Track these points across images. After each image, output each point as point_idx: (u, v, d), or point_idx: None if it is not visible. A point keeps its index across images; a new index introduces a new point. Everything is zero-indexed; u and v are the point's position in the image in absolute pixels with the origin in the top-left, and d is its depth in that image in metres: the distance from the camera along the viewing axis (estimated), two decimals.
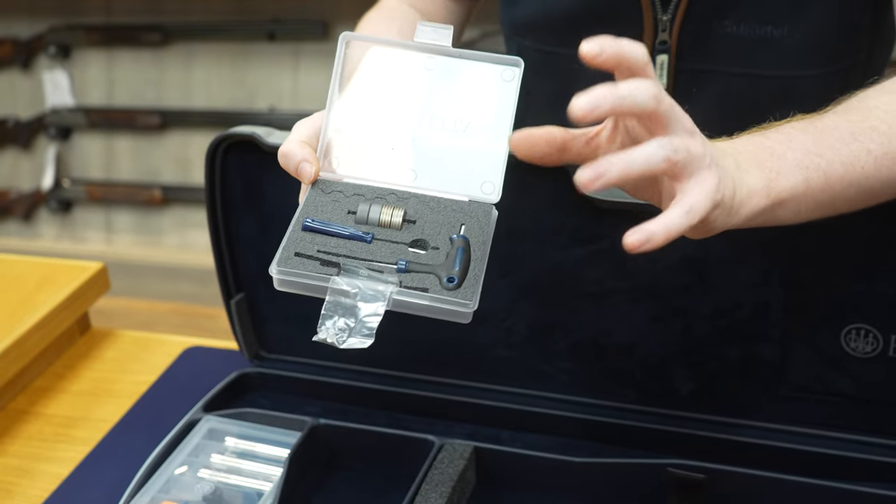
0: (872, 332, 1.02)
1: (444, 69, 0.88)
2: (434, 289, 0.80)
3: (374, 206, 0.85)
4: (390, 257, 0.82)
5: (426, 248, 0.84)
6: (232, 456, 1.08)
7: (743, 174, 0.78)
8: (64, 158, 3.42)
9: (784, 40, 1.08)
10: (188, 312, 3.20)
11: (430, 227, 0.85)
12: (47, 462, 1.14)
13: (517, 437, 1.11)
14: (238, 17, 3.15)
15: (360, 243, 0.83)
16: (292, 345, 1.21)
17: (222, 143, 1.10)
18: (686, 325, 1.06)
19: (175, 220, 3.37)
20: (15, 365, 1.22)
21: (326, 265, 0.82)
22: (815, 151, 0.82)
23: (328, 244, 0.83)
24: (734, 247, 1.02)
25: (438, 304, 0.80)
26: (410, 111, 0.88)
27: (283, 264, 0.82)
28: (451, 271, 0.81)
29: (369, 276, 0.80)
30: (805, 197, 0.82)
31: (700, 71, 0.98)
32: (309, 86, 3.14)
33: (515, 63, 0.86)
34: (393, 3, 1.27)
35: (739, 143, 0.82)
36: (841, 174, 0.83)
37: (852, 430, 1.06)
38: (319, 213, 0.85)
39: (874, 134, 0.85)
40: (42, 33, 3.29)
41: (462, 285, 0.80)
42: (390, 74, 0.89)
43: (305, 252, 0.83)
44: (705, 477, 1.01)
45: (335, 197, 0.86)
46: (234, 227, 1.15)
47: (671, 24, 1.10)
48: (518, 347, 1.12)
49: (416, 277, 0.81)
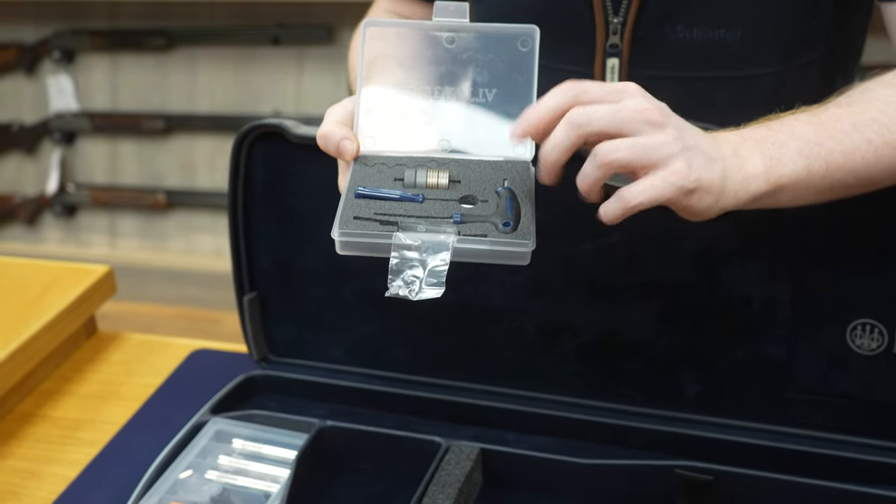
0: (878, 328, 1.02)
1: (464, 44, 0.92)
2: (492, 234, 0.85)
3: (419, 170, 0.89)
4: (442, 213, 0.87)
5: (475, 202, 0.88)
6: (239, 458, 1.08)
7: (742, 161, 0.85)
8: (68, 163, 3.42)
9: (738, 42, 1.08)
10: (192, 316, 3.20)
11: (475, 185, 0.89)
12: (55, 464, 1.14)
13: (524, 439, 1.11)
14: (242, 22, 3.15)
15: (412, 204, 0.87)
16: (301, 347, 1.21)
17: (249, 134, 1.10)
18: (694, 324, 1.07)
19: (179, 225, 3.37)
20: (22, 368, 1.22)
21: (385, 224, 0.85)
22: (817, 141, 0.88)
23: (382, 207, 0.87)
24: (741, 242, 1.03)
25: (498, 248, 0.84)
26: (437, 86, 0.92)
27: (345, 227, 0.85)
28: (505, 216, 0.86)
29: (427, 230, 0.84)
30: (805, 183, 0.88)
31: (654, 77, 0.99)
32: (313, 90, 3.14)
33: (531, 32, 0.91)
34: (382, 14, 1.30)
35: (745, 132, 0.88)
36: (841, 163, 0.88)
37: (859, 433, 1.06)
38: (367, 182, 0.89)
39: (875, 125, 0.89)
40: (47, 38, 3.29)
41: (517, 227, 0.85)
42: (414, 54, 0.93)
43: (363, 215, 0.86)
44: (713, 478, 1.00)
45: (378, 169, 0.90)
46: (253, 223, 1.15)
47: (622, 28, 1.10)
48: (526, 349, 1.12)
49: (473, 227, 0.85)
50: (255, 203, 1.15)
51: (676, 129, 0.83)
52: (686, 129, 0.84)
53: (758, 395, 1.08)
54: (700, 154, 0.83)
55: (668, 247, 1.05)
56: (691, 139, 0.83)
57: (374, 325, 1.17)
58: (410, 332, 1.16)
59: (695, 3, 1.08)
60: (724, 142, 0.86)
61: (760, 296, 1.04)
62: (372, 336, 1.17)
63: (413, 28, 0.93)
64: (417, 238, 0.83)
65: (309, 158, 1.10)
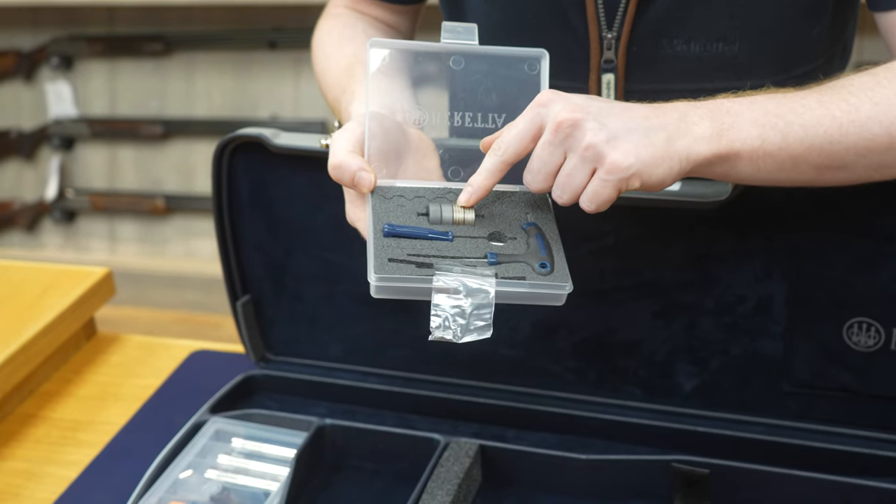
0: (875, 326, 1.02)
1: (469, 67, 0.91)
2: (530, 276, 0.84)
3: (444, 206, 0.88)
4: (474, 252, 0.85)
5: (504, 239, 0.87)
6: (239, 456, 1.09)
7: (688, 124, 0.85)
8: (67, 169, 3.43)
9: (736, 55, 1.08)
10: (192, 321, 3.20)
11: (499, 220, 0.88)
12: (55, 465, 1.14)
13: (522, 436, 1.12)
14: (239, 27, 3.16)
15: (443, 243, 0.86)
16: (298, 347, 1.21)
17: (229, 144, 1.11)
18: (690, 322, 1.07)
19: (179, 229, 3.38)
20: (22, 370, 1.23)
21: (421, 266, 0.83)
22: (775, 112, 0.88)
23: (413, 247, 0.85)
24: (736, 241, 1.03)
25: (538, 290, 0.84)
26: (444, 110, 0.91)
27: (381, 271, 0.82)
28: (539, 257, 0.85)
29: (464, 272, 0.83)
30: (762, 153, 0.87)
31: (652, 91, 0.98)
32: (310, 94, 3.15)
33: (539, 55, 0.90)
34: (341, 11, 1.28)
35: (700, 102, 0.88)
36: (801, 136, 0.87)
37: (855, 426, 1.07)
38: (391, 218, 0.87)
39: (843, 104, 0.88)
40: (45, 44, 3.30)
41: (554, 269, 0.84)
42: (420, 76, 0.91)
43: (397, 257, 0.84)
44: (710, 472, 1.01)
45: (399, 202, 0.88)
46: (240, 228, 1.16)
47: (616, 44, 1.09)
48: (522, 346, 1.13)
49: (509, 268, 0.84)
50: (241, 210, 1.15)
51: (596, 120, 0.83)
52: (608, 113, 0.84)
53: (754, 390, 1.08)
54: (630, 133, 0.83)
55: (662, 248, 1.05)
56: (616, 122, 0.84)
57: (368, 324, 1.17)
58: (406, 331, 1.16)
59: (691, 18, 1.07)
60: (671, 109, 0.86)
61: (755, 294, 1.05)
62: (368, 335, 1.18)
63: (419, 49, 0.91)
64: (457, 281, 0.82)
65: (291, 166, 1.10)
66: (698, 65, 1.08)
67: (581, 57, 1.10)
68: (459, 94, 0.91)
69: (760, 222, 1.01)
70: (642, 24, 1.07)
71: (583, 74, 1.11)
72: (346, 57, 1.14)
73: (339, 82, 1.11)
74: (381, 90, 0.91)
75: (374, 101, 0.90)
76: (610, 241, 1.05)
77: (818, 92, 0.90)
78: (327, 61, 1.19)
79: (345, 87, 1.07)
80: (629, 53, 1.08)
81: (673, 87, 1.08)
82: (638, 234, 1.05)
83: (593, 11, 1.07)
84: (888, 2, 1.03)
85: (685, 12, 1.06)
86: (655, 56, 1.08)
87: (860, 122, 0.88)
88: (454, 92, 0.91)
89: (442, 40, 0.90)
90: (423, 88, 0.91)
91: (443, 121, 0.91)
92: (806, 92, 0.90)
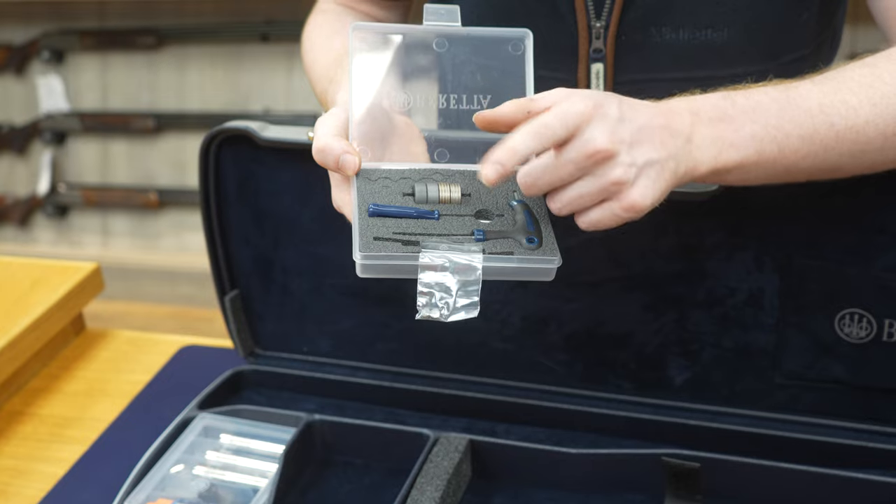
0: (866, 317, 1.02)
1: (453, 49, 0.90)
2: (518, 251, 0.84)
3: (430, 185, 0.87)
4: (462, 230, 0.85)
5: (491, 217, 0.87)
6: (227, 453, 1.08)
7: (693, 148, 0.84)
8: (59, 163, 3.42)
9: (725, 42, 1.07)
10: (185, 315, 3.20)
11: (486, 198, 0.88)
12: (43, 462, 1.14)
13: (512, 430, 1.11)
14: (231, 20, 3.15)
15: (429, 221, 0.85)
16: (286, 342, 1.21)
17: (216, 137, 1.10)
18: (680, 314, 1.06)
19: (171, 223, 3.37)
20: (10, 366, 1.22)
21: (408, 244, 0.83)
22: (776, 125, 0.87)
23: (399, 226, 0.85)
24: (727, 233, 1.02)
25: (526, 265, 0.84)
26: (430, 93, 0.90)
27: (366, 249, 0.82)
28: (528, 233, 0.85)
29: (451, 249, 0.83)
30: (755, 166, 0.87)
31: (642, 80, 0.98)
32: (303, 87, 3.14)
33: (523, 35, 0.90)
34: (331, 7, 1.27)
35: (703, 107, 0.86)
36: (797, 147, 0.87)
37: (846, 418, 1.06)
38: (376, 199, 0.86)
39: (843, 107, 0.88)
40: (36, 38, 3.29)
41: (542, 244, 0.84)
42: (404, 60, 0.91)
43: (383, 236, 0.84)
44: (700, 465, 1.00)
45: (384, 183, 0.87)
46: (227, 223, 1.15)
47: (605, 32, 1.08)
48: (513, 340, 1.12)
49: (497, 244, 0.84)
50: (229, 204, 1.14)
51: (629, 154, 0.81)
52: (638, 140, 0.81)
53: (746, 383, 1.08)
54: (651, 167, 0.81)
55: (651, 240, 1.04)
56: (642, 153, 0.81)
57: (357, 317, 1.17)
58: (394, 325, 1.15)
59: (679, 5, 1.06)
60: (679, 125, 0.84)
61: (747, 286, 1.04)
62: (356, 328, 1.17)
63: (402, 32, 0.91)
64: (444, 258, 0.82)
65: (279, 159, 1.10)
66: (687, 52, 1.07)
67: (570, 47, 1.09)
68: (445, 76, 0.90)
69: (751, 214, 1.01)
70: (630, 13, 1.07)
71: (572, 64, 1.10)
72: (334, 49, 1.13)
73: (326, 73, 1.10)
74: (365, 75, 0.90)
75: (358, 87, 0.89)
76: (599, 233, 1.04)
77: (819, 91, 0.89)
78: (315, 54, 1.18)
79: (332, 77, 1.06)
80: (618, 42, 1.08)
81: (662, 75, 1.07)
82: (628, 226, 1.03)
83: (581, 1, 1.07)
84: None
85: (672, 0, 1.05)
86: (644, 44, 1.08)
87: (857, 127, 0.88)
88: (440, 74, 0.90)
89: (424, 23, 0.90)
90: (409, 72, 0.90)
91: (430, 103, 0.91)
92: (808, 89, 0.89)
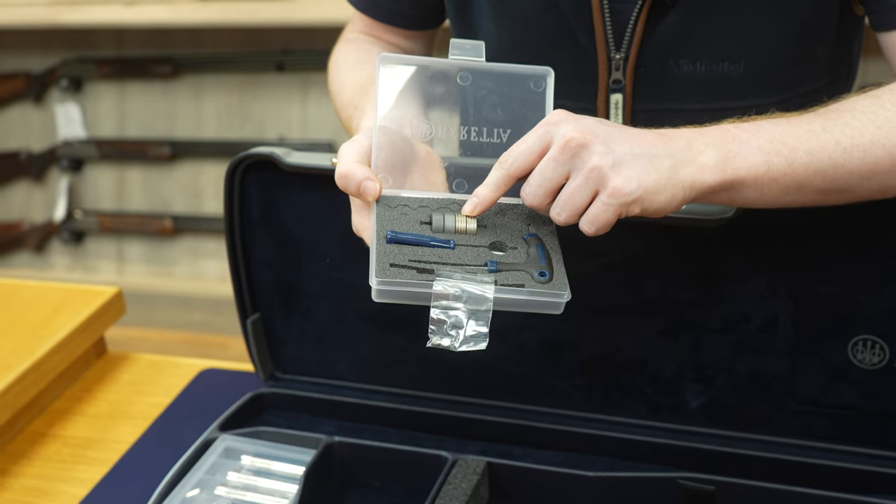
0: (879, 344, 1.03)
1: (476, 82, 0.93)
2: (529, 283, 0.86)
3: (447, 215, 0.90)
4: (475, 260, 0.87)
5: (504, 249, 0.89)
6: (248, 474, 1.09)
7: (695, 153, 0.86)
8: (76, 190, 3.44)
9: (742, 75, 1.09)
10: (200, 341, 3.21)
11: (501, 231, 0.90)
12: (66, 483, 1.15)
13: (529, 453, 1.12)
14: (247, 49, 3.18)
15: (445, 250, 0.88)
16: (306, 365, 1.22)
17: (241, 163, 1.12)
18: (695, 340, 1.08)
19: (186, 250, 3.39)
20: (33, 388, 1.24)
21: (422, 272, 0.85)
22: (780, 139, 0.88)
23: (415, 253, 0.87)
24: (742, 260, 1.04)
25: (536, 298, 0.85)
26: (451, 124, 0.93)
27: (382, 275, 0.84)
28: (539, 266, 0.87)
29: (464, 279, 0.84)
30: (767, 179, 0.88)
31: (659, 110, 1.00)
32: (318, 115, 3.16)
33: (545, 73, 0.92)
34: (357, 36, 1.29)
35: (706, 129, 0.89)
36: (805, 162, 0.88)
37: (860, 443, 1.07)
38: (394, 226, 0.88)
39: (846, 128, 0.90)
40: (54, 66, 3.32)
41: (553, 278, 0.86)
42: (428, 90, 0.93)
43: (399, 262, 0.86)
44: (715, 489, 1.02)
45: (402, 211, 0.90)
46: (251, 246, 1.17)
47: (625, 64, 1.10)
48: (530, 364, 1.14)
49: (509, 276, 0.86)
50: (252, 228, 1.16)
51: (604, 144, 0.85)
52: (616, 138, 0.86)
53: (760, 408, 1.09)
54: (636, 159, 0.85)
55: (667, 266, 1.06)
56: (623, 147, 0.85)
57: (376, 342, 1.18)
58: (413, 350, 1.17)
59: (697, 38, 1.08)
60: (677, 137, 0.87)
61: (761, 313, 1.06)
62: (375, 353, 1.19)
63: (427, 64, 0.93)
64: (457, 287, 0.84)
65: (302, 184, 1.12)
66: (704, 84, 1.09)
67: (590, 77, 1.11)
68: (467, 109, 0.93)
69: (765, 240, 1.02)
70: (649, 45, 1.09)
71: (591, 95, 1.12)
72: (360, 78, 1.16)
73: (352, 101, 1.13)
74: (390, 104, 0.93)
75: (382, 115, 0.92)
76: (616, 259, 1.06)
77: (822, 116, 0.91)
78: (342, 82, 1.21)
79: (357, 104, 1.09)
80: (637, 74, 1.10)
81: (679, 106, 1.09)
82: (643, 252, 1.06)
83: (602, 33, 1.09)
84: (891, 22, 1.04)
85: (691, 33, 1.07)
86: (662, 76, 1.10)
87: (864, 146, 0.90)
88: (462, 107, 0.93)
89: (450, 56, 0.92)
90: (432, 103, 0.93)
91: (452, 135, 0.93)
92: (810, 116, 0.91)
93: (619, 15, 1.09)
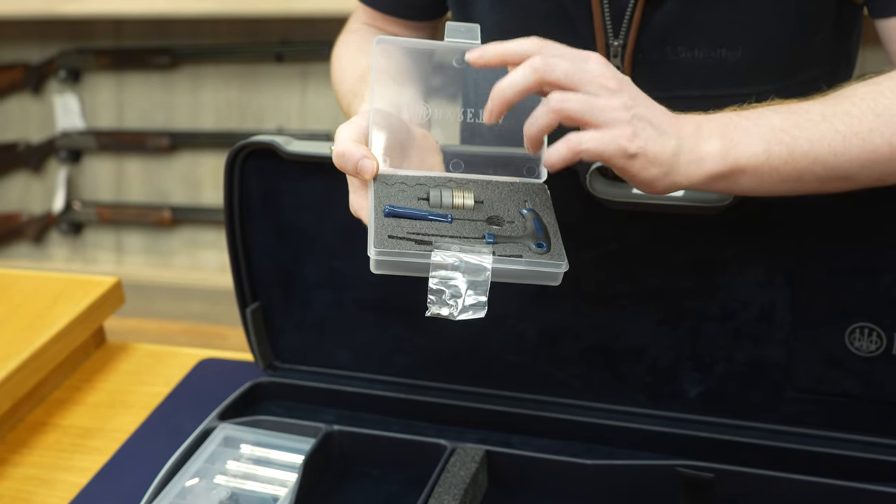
0: (876, 331, 1.03)
1: None
2: (527, 254, 0.86)
3: (444, 191, 0.90)
4: (473, 233, 0.88)
5: (502, 223, 0.90)
6: (247, 462, 1.10)
7: (699, 140, 0.86)
8: (74, 181, 3.44)
9: (740, 61, 1.09)
10: (198, 332, 3.22)
11: (498, 206, 0.91)
12: (65, 472, 1.16)
13: (528, 441, 1.13)
14: (246, 40, 3.18)
15: (442, 224, 0.88)
16: (305, 354, 1.23)
17: (241, 151, 1.12)
18: (693, 328, 1.08)
19: (185, 241, 3.39)
20: (33, 377, 1.24)
21: (421, 244, 0.86)
22: (781, 128, 0.89)
23: (413, 227, 0.87)
24: (740, 248, 1.04)
25: (534, 268, 0.86)
26: (447, 106, 0.93)
27: (381, 245, 0.85)
28: (536, 238, 0.88)
29: (462, 250, 0.85)
30: (767, 168, 0.88)
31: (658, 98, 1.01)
32: (317, 106, 3.16)
33: None
34: (359, 27, 1.30)
35: (711, 116, 0.89)
36: (806, 150, 0.89)
37: (857, 431, 1.07)
38: (392, 201, 0.89)
39: (846, 117, 0.90)
40: (53, 58, 3.32)
41: (550, 249, 0.87)
42: (424, 74, 0.94)
43: (397, 234, 0.86)
44: (714, 476, 1.02)
45: (400, 188, 0.90)
46: (250, 235, 1.17)
47: (623, 51, 1.10)
48: (528, 353, 1.14)
49: (507, 247, 0.87)
50: (252, 217, 1.16)
51: (631, 99, 0.85)
52: (642, 101, 0.86)
53: (758, 396, 1.09)
54: (650, 125, 0.85)
55: (665, 254, 1.06)
56: (644, 110, 0.85)
57: (376, 331, 1.18)
58: (413, 338, 1.17)
59: (694, 24, 1.08)
60: (687, 121, 0.88)
61: (759, 301, 1.06)
62: (375, 342, 1.19)
63: (423, 47, 0.93)
64: (455, 257, 0.84)
65: (302, 173, 1.12)
66: (702, 71, 1.10)
67: None
68: (467, 91, 0.93)
69: (763, 228, 1.03)
70: (648, 32, 1.09)
71: None
72: (360, 67, 1.16)
73: (351, 89, 1.13)
74: (386, 87, 0.93)
75: (379, 99, 0.92)
76: (613, 247, 1.06)
77: (821, 104, 0.91)
78: (343, 71, 1.21)
79: (356, 92, 1.09)
80: (635, 61, 1.10)
81: (678, 93, 1.09)
82: (641, 240, 1.06)
83: (600, 20, 1.09)
84: (888, 9, 1.04)
85: (688, 19, 1.08)
86: (661, 63, 1.10)
87: (863, 134, 0.90)
88: (458, 89, 0.93)
89: (445, 39, 0.92)
90: (429, 86, 0.93)
91: (448, 117, 0.93)
92: (809, 104, 0.92)
93: (617, 2, 1.09)
